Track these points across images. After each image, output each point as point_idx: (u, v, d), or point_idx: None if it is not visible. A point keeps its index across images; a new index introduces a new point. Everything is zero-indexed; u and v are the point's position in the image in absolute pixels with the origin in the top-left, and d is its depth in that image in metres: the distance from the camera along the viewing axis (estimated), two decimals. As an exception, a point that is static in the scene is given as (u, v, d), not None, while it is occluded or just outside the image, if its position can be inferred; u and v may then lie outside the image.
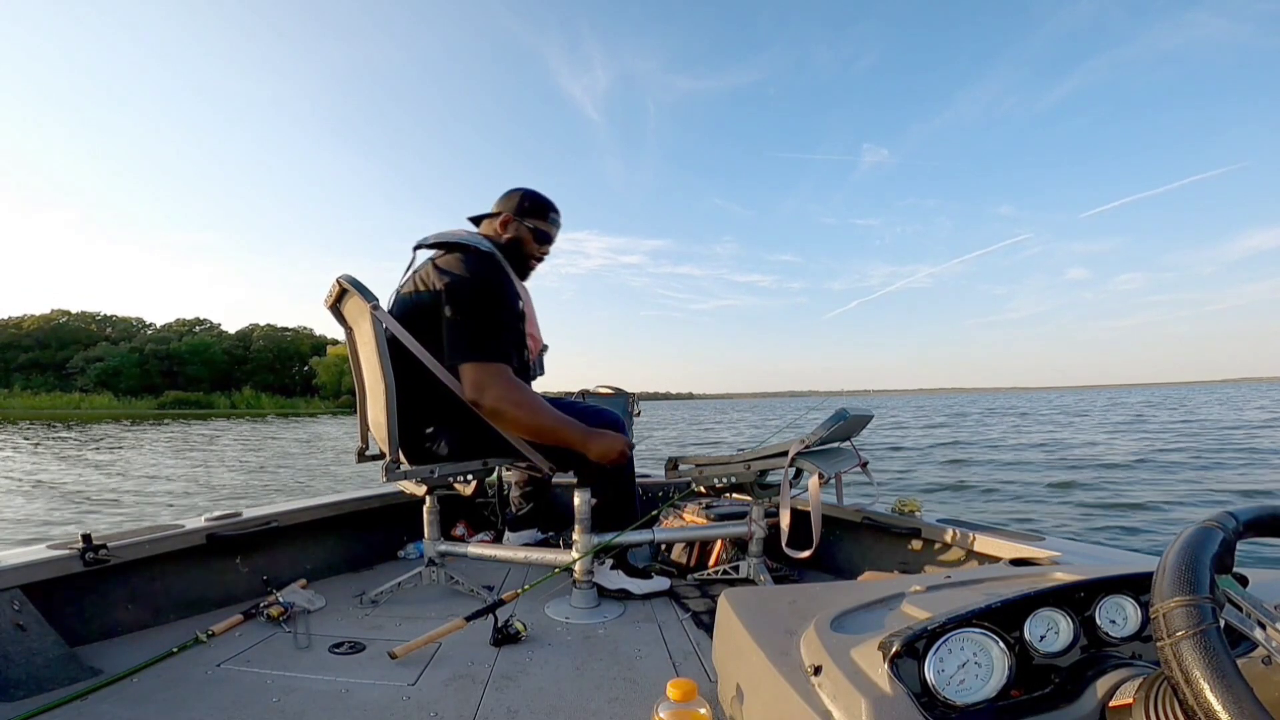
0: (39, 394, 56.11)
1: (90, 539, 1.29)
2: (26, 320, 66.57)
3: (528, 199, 1.65)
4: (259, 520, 1.62)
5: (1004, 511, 5.41)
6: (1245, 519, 0.48)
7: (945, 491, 6.65)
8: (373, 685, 1.11)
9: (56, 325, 66.77)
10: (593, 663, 1.21)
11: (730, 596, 0.79)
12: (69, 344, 64.57)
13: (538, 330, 1.71)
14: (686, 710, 0.72)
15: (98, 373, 59.89)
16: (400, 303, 1.55)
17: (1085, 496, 5.96)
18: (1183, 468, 7.74)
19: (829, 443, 1.60)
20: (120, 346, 64.08)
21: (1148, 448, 9.86)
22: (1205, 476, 6.96)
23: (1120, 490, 6.21)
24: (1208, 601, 0.41)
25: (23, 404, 52.11)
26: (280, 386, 68.42)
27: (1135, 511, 5.19)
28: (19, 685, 1.03)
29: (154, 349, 64.55)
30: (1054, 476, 7.17)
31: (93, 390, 58.16)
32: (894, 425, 18.10)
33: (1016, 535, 1.41)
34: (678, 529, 1.79)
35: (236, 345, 70.47)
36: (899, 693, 0.51)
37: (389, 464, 1.45)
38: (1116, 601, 0.64)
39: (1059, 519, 5.07)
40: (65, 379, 60.71)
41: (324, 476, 8.58)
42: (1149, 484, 6.54)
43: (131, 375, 60.94)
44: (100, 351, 62.48)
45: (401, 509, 2.04)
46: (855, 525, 1.81)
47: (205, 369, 65.58)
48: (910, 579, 0.80)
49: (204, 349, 66.78)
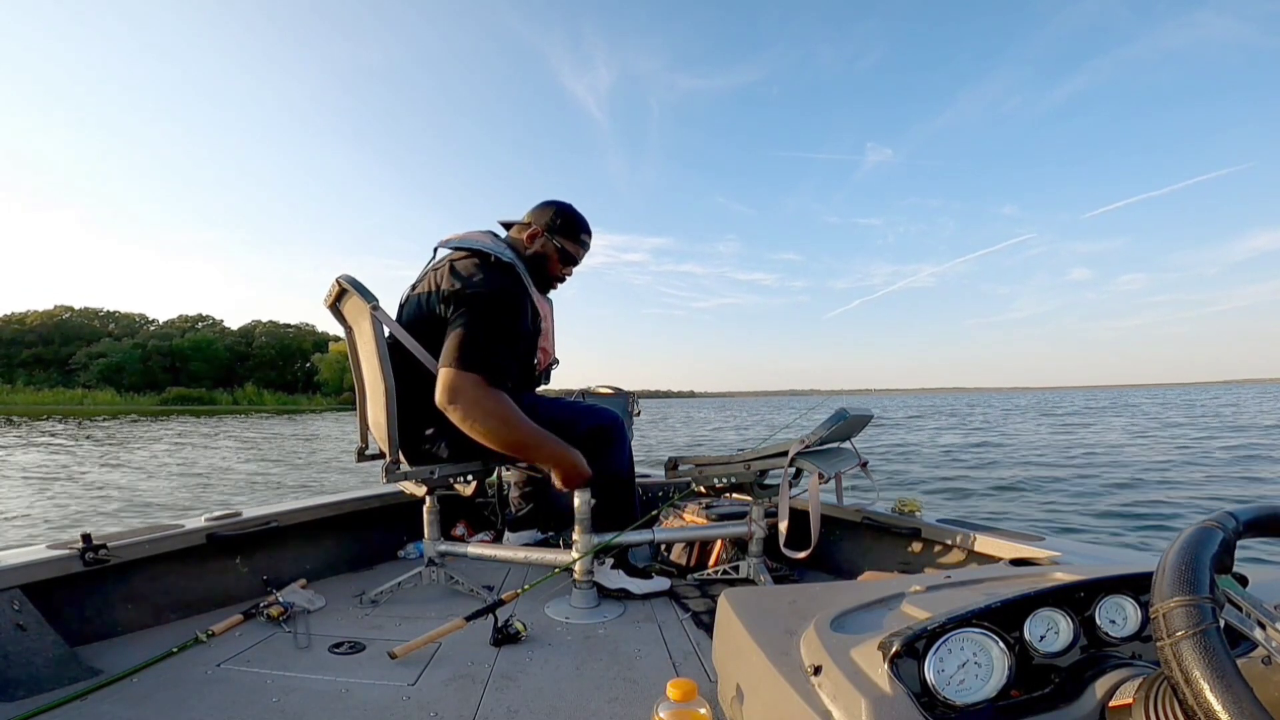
0: (42, 390, 56.24)
1: (90, 539, 1.28)
2: (30, 316, 66.71)
3: (560, 216, 1.62)
4: (259, 520, 1.62)
5: (1035, 519, 5.23)
6: (1245, 519, 0.48)
7: (1001, 496, 6.21)
8: (373, 685, 1.11)
9: (60, 321, 66.96)
10: (593, 663, 1.21)
11: (730, 596, 0.79)
12: (72, 340, 64.71)
13: (551, 344, 1.69)
14: (686, 710, 0.72)
15: (101, 369, 60.01)
16: (412, 301, 1.55)
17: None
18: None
19: (829, 443, 1.60)
20: (123, 343, 64.21)
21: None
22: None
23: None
24: (1208, 601, 0.41)
25: (26, 400, 52.21)
26: (282, 383, 68.53)
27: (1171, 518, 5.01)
28: (19, 685, 1.03)
29: (157, 345, 64.64)
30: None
31: (96, 386, 58.27)
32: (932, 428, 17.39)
33: (1016, 535, 1.41)
34: (678, 529, 1.79)
35: (239, 342, 70.56)
36: (899, 693, 0.51)
37: (389, 464, 1.45)
38: (1116, 601, 0.64)
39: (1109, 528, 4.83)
40: (68, 375, 60.87)
41: (348, 473, 8.53)
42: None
43: (134, 371, 61.07)
44: (103, 348, 62.60)
45: (401, 509, 2.04)
46: (855, 525, 1.80)
47: (208, 366, 65.69)
48: (910, 579, 0.80)
49: (206, 345, 66.89)
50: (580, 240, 1.66)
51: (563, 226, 1.62)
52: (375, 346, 1.42)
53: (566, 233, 1.63)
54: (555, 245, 1.62)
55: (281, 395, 64.71)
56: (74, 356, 61.81)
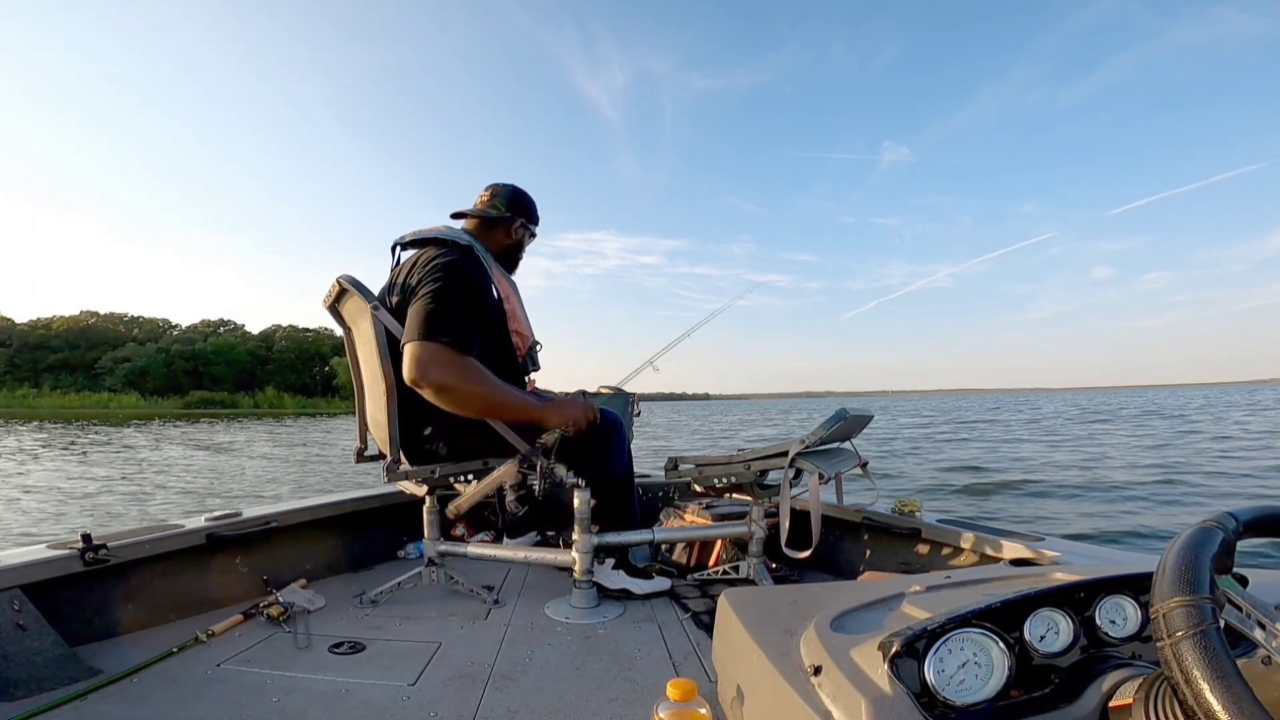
0: (68, 394, 56.69)
1: (90, 538, 1.28)
2: (56, 321, 67.35)
3: (529, 202, 1.74)
4: (259, 520, 1.62)
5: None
6: (1245, 519, 0.48)
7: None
8: (373, 685, 1.11)
9: (85, 326, 67.59)
10: (593, 663, 1.21)
11: (730, 596, 0.79)
12: (97, 345, 65.34)
13: (525, 327, 1.70)
14: (686, 710, 0.72)
15: (125, 373, 60.57)
16: (383, 303, 1.55)
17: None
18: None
19: (829, 443, 1.60)
20: (147, 347, 64.87)
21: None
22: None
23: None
24: (1208, 602, 0.41)
25: (52, 403, 52.61)
26: (302, 386, 69.00)
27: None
28: (19, 685, 1.03)
29: (179, 350, 65.18)
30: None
31: (121, 390, 58.71)
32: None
33: (1016, 535, 1.41)
34: (678, 529, 1.79)
35: (259, 346, 71.03)
36: (899, 693, 0.51)
37: (389, 464, 1.45)
38: (1116, 602, 0.64)
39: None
40: (94, 379, 61.44)
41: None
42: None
43: (158, 375, 61.65)
44: (128, 352, 63.23)
45: (401, 509, 2.04)
46: (855, 525, 1.80)
47: (229, 369, 66.14)
48: (910, 579, 0.80)
49: (228, 350, 67.39)
50: (537, 221, 1.79)
51: (531, 212, 1.75)
52: (376, 345, 1.42)
53: (533, 217, 1.75)
54: (529, 230, 1.75)
55: (301, 398, 65.10)
56: (99, 361, 62.39)
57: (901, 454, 10.42)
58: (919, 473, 8.06)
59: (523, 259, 1.80)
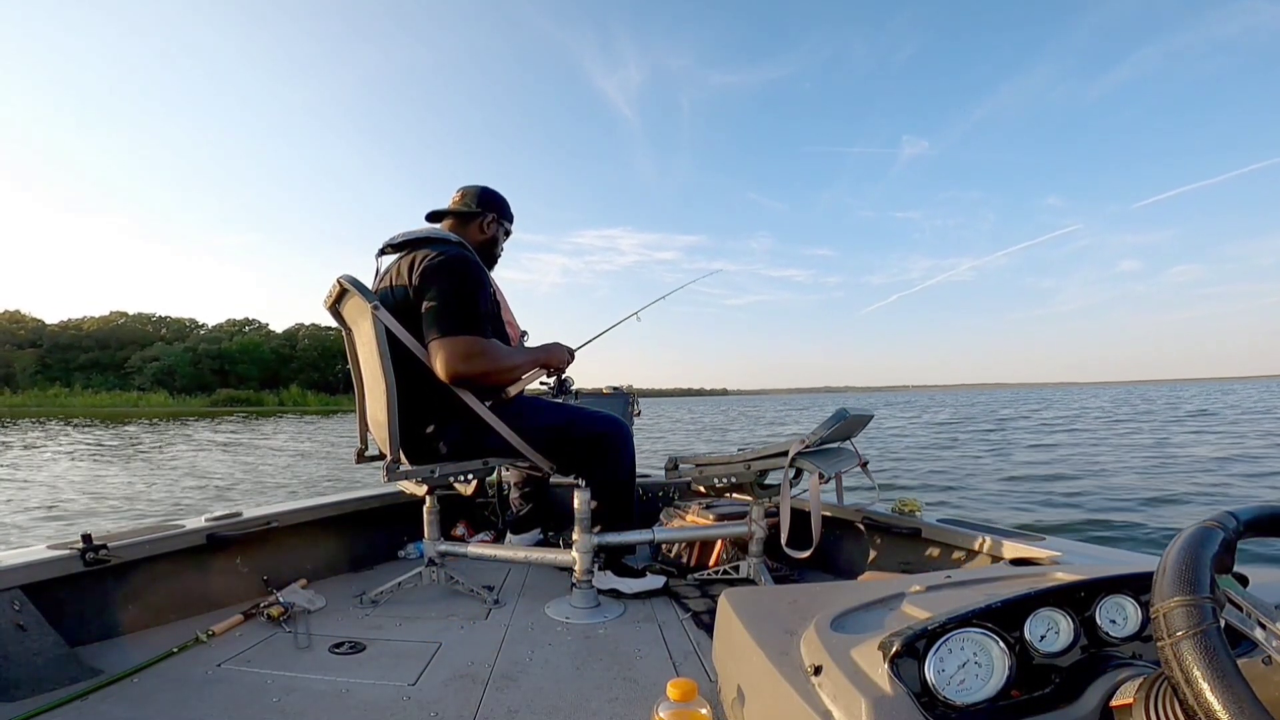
0: (99, 393, 57.25)
1: (90, 539, 1.28)
2: (87, 322, 68.12)
3: (502, 201, 1.79)
4: (259, 520, 1.62)
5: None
6: (1245, 519, 0.48)
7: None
8: (373, 685, 1.11)
9: (115, 326, 68.30)
10: (593, 663, 1.21)
11: (730, 596, 0.79)
12: (127, 344, 66.02)
13: (513, 319, 1.81)
14: (686, 710, 0.72)
15: (154, 372, 61.19)
16: (387, 301, 1.56)
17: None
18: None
19: (829, 443, 1.60)
20: (175, 346, 65.44)
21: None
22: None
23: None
24: (1208, 601, 0.41)
25: (83, 402, 53.10)
26: (324, 384, 69.56)
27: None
28: (19, 685, 1.03)
29: (206, 349, 65.79)
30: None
31: (150, 389, 59.27)
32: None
33: (1017, 535, 1.41)
34: (678, 529, 1.79)
35: (284, 344, 71.65)
36: (899, 693, 0.51)
37: (390, 464, 1.45)
38: (1117, 601, 0.64)
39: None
40: (124, 378, 62.14)
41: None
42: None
43: (186, 374, 62.23)
44: (156, 351, 63.86)
45: (402, 509, 2.04)
46: (855, 525, 1.80)
47: (255, 368, 66.84)
48: (910, 579, 0.80)
49: (253, 348, 68.02)
50: (511, 218, 1.84)
51: (505, 210, 1.80)
52: (376, 346, 1.42)
53: (506, 213, 1.80)
54: (502, 226, 1.79)
55: (324, 396, 65.62)
56: (129, 360, 63.03)
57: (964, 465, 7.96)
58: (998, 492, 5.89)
59: (500, 255, 1.85)
